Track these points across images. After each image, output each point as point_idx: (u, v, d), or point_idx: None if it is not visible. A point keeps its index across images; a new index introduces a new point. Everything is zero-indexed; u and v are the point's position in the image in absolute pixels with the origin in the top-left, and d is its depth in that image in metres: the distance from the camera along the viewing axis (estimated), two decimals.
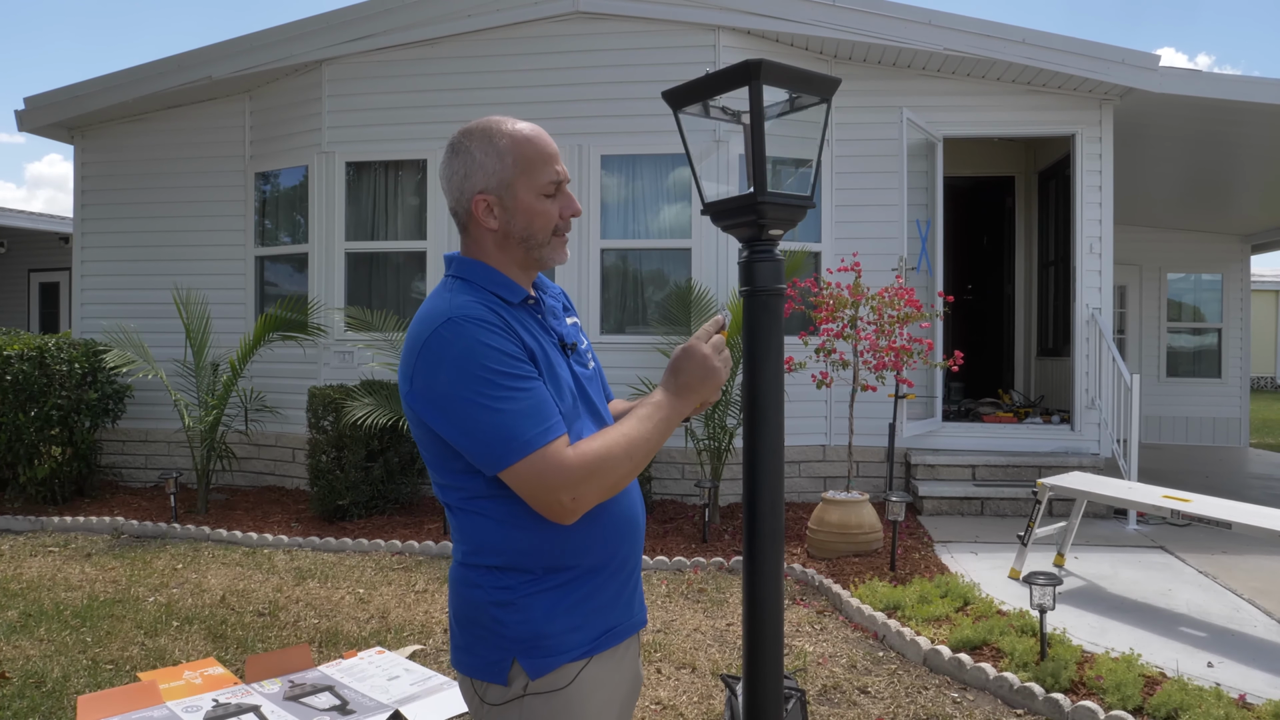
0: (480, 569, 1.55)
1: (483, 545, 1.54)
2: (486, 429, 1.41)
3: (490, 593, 1.53)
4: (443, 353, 1.44)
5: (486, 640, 1.53)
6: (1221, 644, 4.24)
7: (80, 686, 3.90)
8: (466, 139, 1.58)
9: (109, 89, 8.36)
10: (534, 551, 1.53)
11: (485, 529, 1.53)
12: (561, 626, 1.53)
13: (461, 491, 1.53)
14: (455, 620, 1.60)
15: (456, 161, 1.59)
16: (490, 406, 1.41)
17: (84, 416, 7.59)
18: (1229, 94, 7.05)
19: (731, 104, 1.84)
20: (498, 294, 1.56)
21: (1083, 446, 7.50)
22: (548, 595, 1.53)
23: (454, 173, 1.59)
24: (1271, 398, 22.31)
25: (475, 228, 1.60)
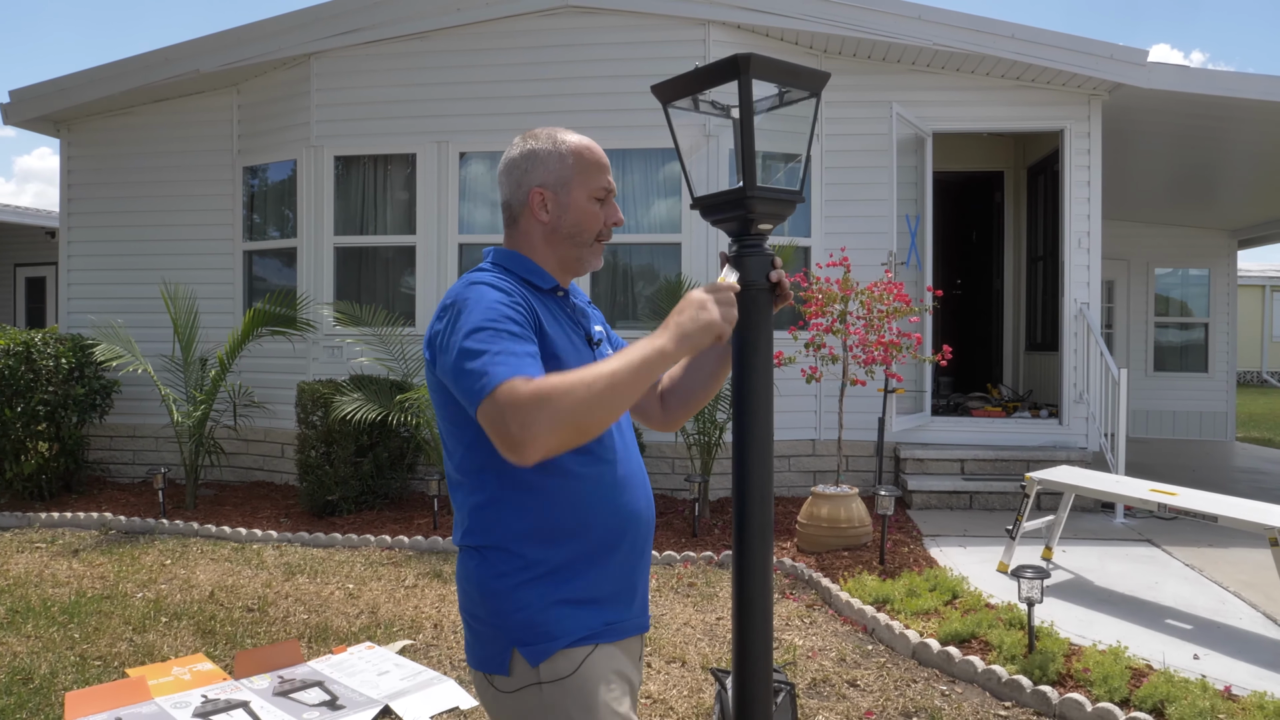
0: (480, 551, 1.58)
1: (479, 525, 1.58)
2: (469, 369, 1.44)
3: (492, 580, 1.56)
4: (459, 312, 1.52)
5: (487, 630, 1.56)
6: (1207, 636, 4.27)
7: (68, 683, 3.89)
8: (532, 138, 1.71)
9: (95, 82, 8.30)
10: (525, 531, 1.56)
11: (484, 508, 1.57)
12: (556, 614, 1.54)
13: (464, 464, 1.58)
14: (462, 614, 1.64)
15: (520, 157, 1.69)
16: (475, 350, 1.45)
17: (71, 412, 7.55)
18: (1218, 90, 7.08)
19: (721, 98, 1.84)
20: (528, 280, 1.65)
21: (1071, 441, 7.53)
22: (546, 581, 1.55)
23: (516, 166, 1.69)
24: (1257, 392, 22.45)
25: (526, 219, 1.70)
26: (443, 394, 1.58)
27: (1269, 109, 7.20)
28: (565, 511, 1.57)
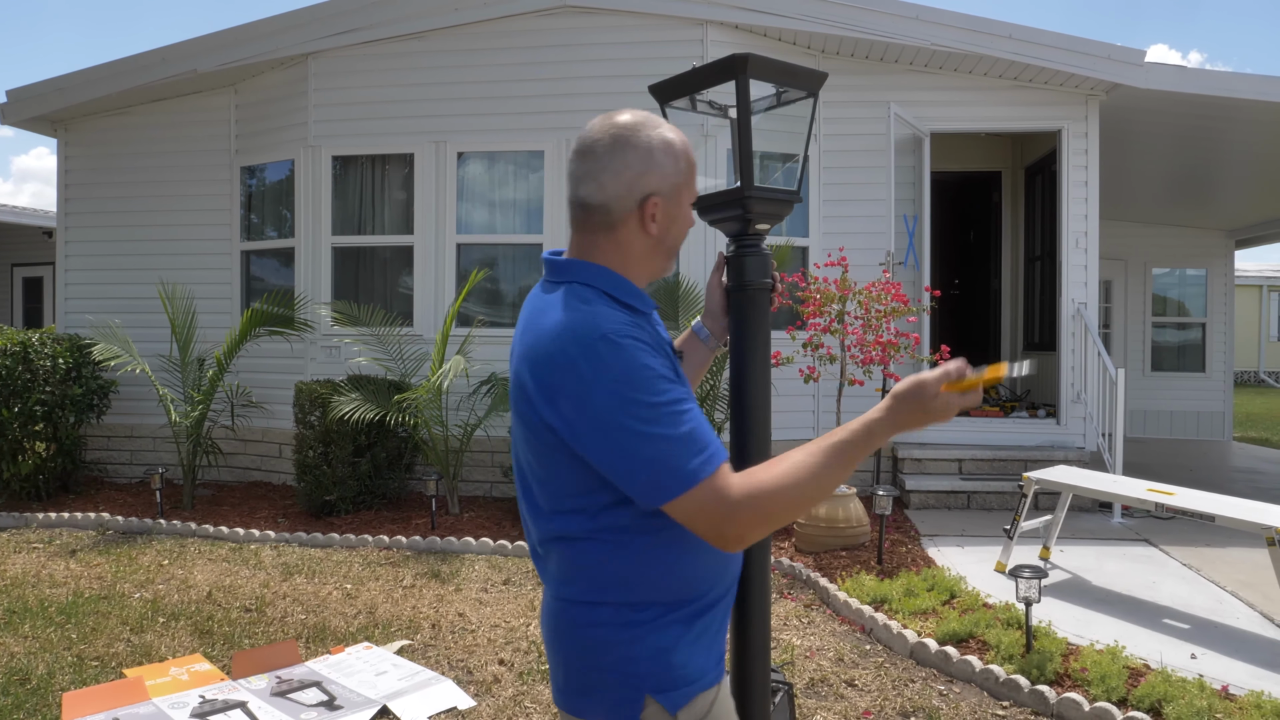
0: (606, 606, 1.42)
1: (612, 579, 1.42)
2: (648, 458, 1.30)
3: (617, 630, 1.42)
4: (599, 373, 1.31)
5: (612, 681, 1.42)
6: (1205, 636, 4.27)
7: (65, 683, 3.88)
8: (640, 132, 1.45)
9: (92, 82, 8.28)
10: (671, 584, 1.43)
11: (618, 562, 1.41)
12: (690, 655, 1.44)
13: (594, 522, 1.40)
14: (567, 663, 1.47)
15: (631, 155, 1.44)
16: (651, 434, 1.29)
17: (68, 412, 7.54)
18: (1215, 90, 7.09)
19: (719, 98, 1.85)
20: (630, 305, 1.46)
21: (1068, 440, 7.54)
22: (676, 626, 1.44)
23: (625, 167, 1.44)
24: (1255, 392, 22.48)
25: (629, 229, 1.47)
26: (558, 454, 1.39)
27: (1266, 109, 7.21)
28: (706, 560, 1.46)
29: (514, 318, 7.68)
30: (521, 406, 1.42)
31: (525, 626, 4.57)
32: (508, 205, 7.73)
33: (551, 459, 1.40)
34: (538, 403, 1.37)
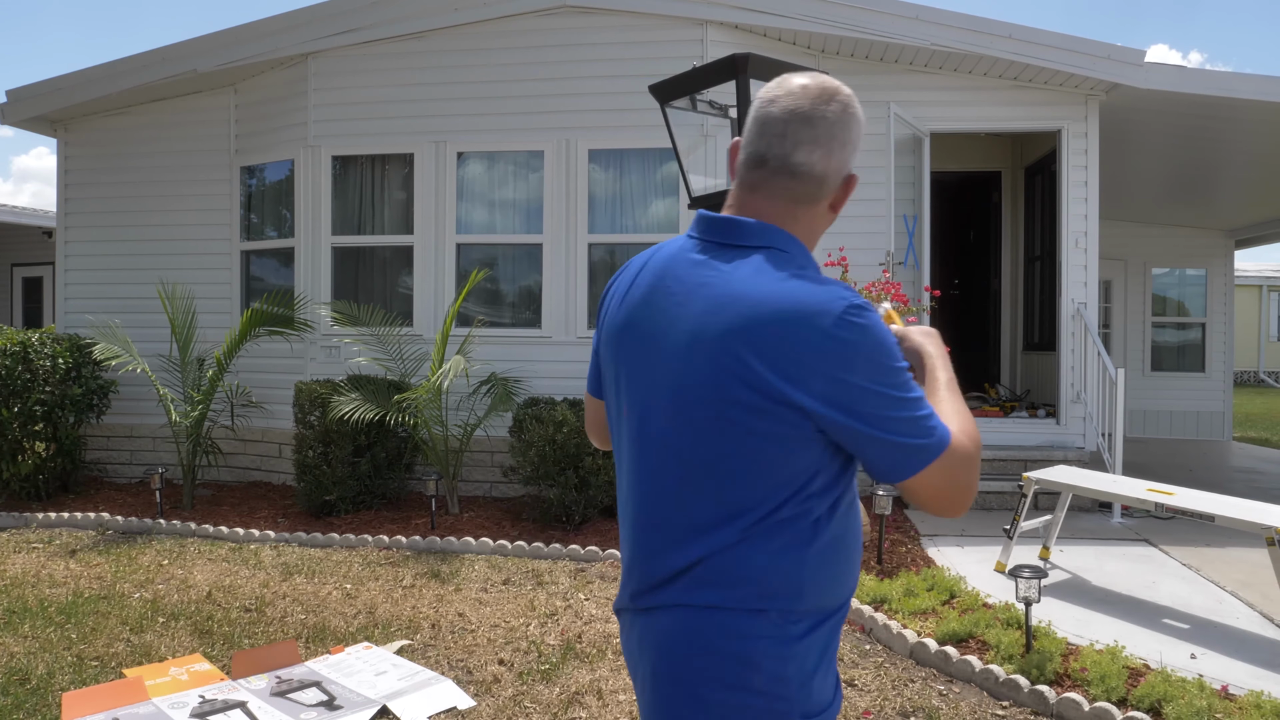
0: (768, 614, 1.27)
1: (782, 583, 1.27)
2: (910, 426, 1.22)
3: (775, 645, 1.27)
4: (858, 346, 1.21)
5: (758, 707, 1.27)
6: (1204, 636, 4.28)
7: (65, 683, 3.88)
8: (857, 105, 1.36)
9: (92, 82, 8.28)
10: (835, 588, 1.32)
11: (794, 562, 1.27)
12: (825, 679, 1.33)
13: (779, 515, 1.27)
14: (698, 685, 1.28)
15: (855, 129, 1.35)
16: (909, 399, 1.23)
17: (68, 412, 7.54)
18: (1215, 90, 7.09)
19: (719, 98, 1.85)
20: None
21: (1068, 440, 7.54)
22: (820, 641, 1.32)
23: (849, 140, 1.35)
24: (1254, 392, 22.48)
25: (823, 207, 1.37)
26: (788, 436, 1.24)
27: (1266, 109, 7.21)
28: (857, 560, 1.36)
29: (514, 317, 7.69)
30: (733, 390, 1.24)
31: (525, 626, 4.57)
32: (507, 205, 7.73)
33: (763, 445, 1.24)
34: (774, 381, 1.22)
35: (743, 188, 1.37)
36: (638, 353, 1.35)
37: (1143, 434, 12.07)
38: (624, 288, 1.43)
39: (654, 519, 1.33)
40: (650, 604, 1.33)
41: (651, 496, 1.33)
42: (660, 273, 1.35)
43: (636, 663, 1.38)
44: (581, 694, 3.76)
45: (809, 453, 1.25)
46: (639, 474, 1.35)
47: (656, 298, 1.34)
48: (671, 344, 1.30)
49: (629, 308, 1.39)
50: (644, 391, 1.34)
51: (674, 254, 1.36)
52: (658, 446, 1.32)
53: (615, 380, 1.41)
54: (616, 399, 1.42)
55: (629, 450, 1.38)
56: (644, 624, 1.35)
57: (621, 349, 1.38)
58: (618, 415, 1.42)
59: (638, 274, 1.42)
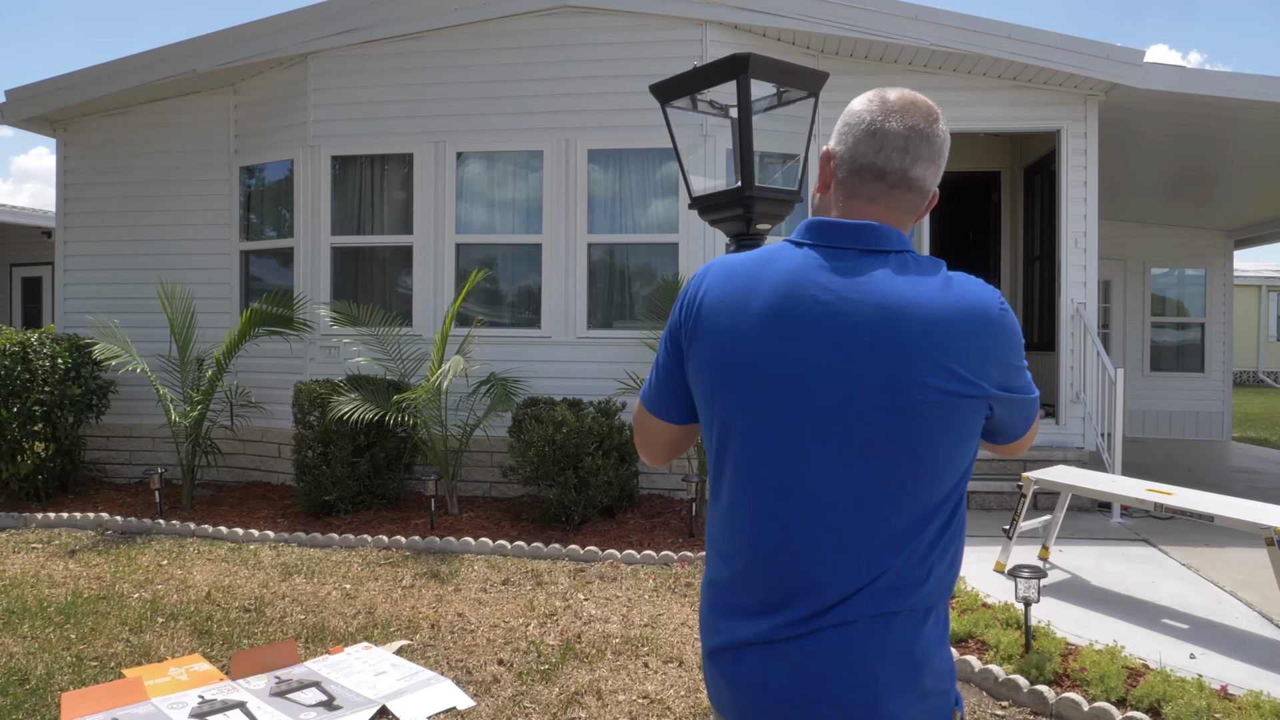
0: (934, 612, 1.32)
1: (943, 578, 1.33)
2: (1030, 386, 1.40)
3: (937, 642, 1.32)
4: (1013, 332, 1.34)
5: (934, 705, 1.30)
6: (1204, 636, 4.28)
7: (64, 683, 3.88)
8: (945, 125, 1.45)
9: (91, 82, 8.28)
10: (956, 572, 1.38)
11: (952, 553, 1.34)
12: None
13: (947, 506, 1.31)
14: (881, 699, 1.27)
15: (947, 149, 1.44)
16: (1026, 369, 1.40)
17: (67, 412, 7.54)
18: (1214, 90, 7.09)
19: (719, 98, 1.85)
20: None
21: (1067, 440, 7.54)
22: (947, 627, 1.39)
23: (945, 157, 1.44)
24: (1254, 392, 22.49)
25: (916, 217, 1.46)
26: (974, 427, 1.31)
27: (1265, 109, 7.21)
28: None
29: (513, 317, 7.69)
30: (928, 392, 1.26)
31: (524, 627, 4.57)
32: (507, 205, 7.73)
33: (954, 441, 1.29)
34: (966, 376, 1.27)
35: (858, 198, 1.39)
36: (793, 367, 1.30)
37: (1142, 434, 12.08)
38: (737, 303, 1.35)
39: (835, 537, 1.29)
40: (818, 626, 1.29)
41: (829, 514, 1.29)
42: (794, 283, 1.32)
43: (780, 694, 1.30)
44: (581, 694, 3.77)
45: (976, 440, 1.34)
46: (805, 493, 1.30)
47: (802, 308, 1.31)
48: (847, 352, 1.28)
49: (761, 323, 1.32)
50: (812, 404, 1.29)
51: (801, 264, 1.34)
52: (837, 460, 1.28)
53: (747, 398, 1.33)
54: (751, 418, 1.33)
55: (778, 469, 1.31)
56: (805, 648, 1.29)
57: (762, 365, 1.32)
58: (753, 434, 1.33)
59: (750, 288, 1.35)
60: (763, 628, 1.32)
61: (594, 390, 7.21)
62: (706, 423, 1.40)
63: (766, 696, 1.31)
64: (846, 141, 1.41)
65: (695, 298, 1.40)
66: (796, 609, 1.30)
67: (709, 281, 1.40)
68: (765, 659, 1.31)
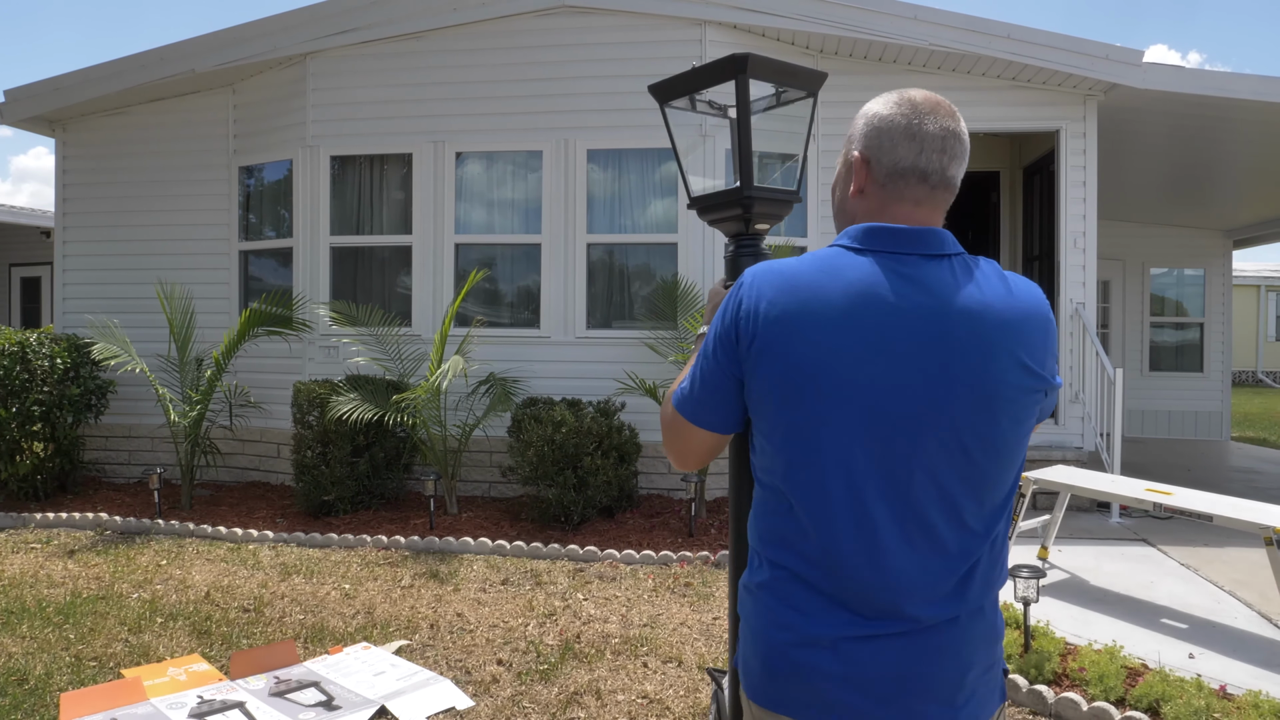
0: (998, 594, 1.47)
1: (1008, 561, 1.49)
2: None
3: (1000, 615, 1.48)
4: (1056, 326, 1.46)
5: (998, 674, 1.46)
6: (1203, 635, 4.28)
7: (63, 683, 3.88)
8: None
9: (91, 81, 8.28)
10: None
11: (1003, 536, 1.46)
12: None
13: (1010, 498, 1.41)
14: (985, 659, 1.41)
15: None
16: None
17: (66, 412, 7.53)
18: (1213, 90, 7.09)
19: (718, 98, 1.85)
20: None
21: (1066, 440, 7.55)
22: None
23: (969, 152, 1.48)
24: (1253, 392, 22.50)
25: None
26: (1025, 422, 1.40)
27: (1264, 109, 7.22)
28: None
29: (512, 317, 7.69)
30: (1014, 388, 1.34)
31: (523, 626, 4.57)
32: (506, 205, 7.73)
33: (1024, 432, 1.39)
34: (1037, 370, 1.37)
35: (904, 202, 1.42)
36: (883, 374, 1.31)
37: (1141, 434, 12.08)
38: (811, 313, 1.34)
39: (929, 536, 1.33)
40: (919, 623, 1.34)
41: (923, 514, 1.33)
42: (872, 291, 1.33)
43: (876, 688, 1.34)
44: (580, 694, 3.77)
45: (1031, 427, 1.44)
46: (899, 495, 1.33)
47: (885, 315, 1.32)
48: (934, 357, 1.32)
49: (844, 331, 1.32)
50: (904, 410, 1.31)
51: (872, 271, 1.35)
52: (929, 461, 1.32)
53: (834, 407, 1.32)
54: (839, 425, 1.32)
55: (871, 474, 1.33)
56: (904, 645, 1.34)
57: (848, 374, 1.31)
58: (841, 441, 1.33)
59: (822, 297, 1.34)
60: (859, 624, 1.35)
61: (593, 390, 7.21)
62: (776, 430, 1.37)
63: (862, 690, 1.33)
64: (882, 145, 1.43)
65: (754, 309, 1.37)
66: (896, 606, 1.33)
67: (767, 292, 1.37)
68: (861, 653, 1.34)
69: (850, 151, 1.48)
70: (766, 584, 1.41)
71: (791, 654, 1.36)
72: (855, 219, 1.46)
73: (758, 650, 1.41)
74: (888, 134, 1.43)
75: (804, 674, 1.35)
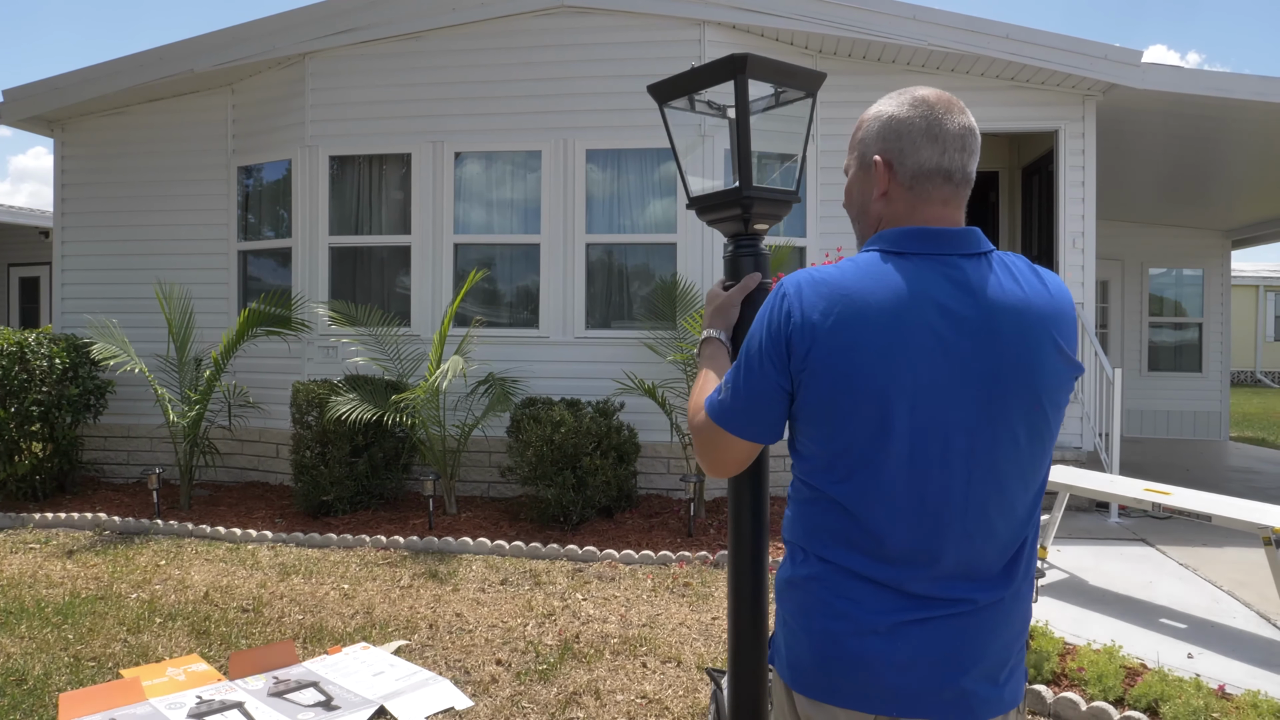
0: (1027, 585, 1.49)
1: (1034, 551, 1.50)
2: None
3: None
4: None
5: (1022, 659, 1.50)
6: (1201, 635, 4.28)
7: (62, 684, 3.87)
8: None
9: (89, 81, 8.27)
10: None
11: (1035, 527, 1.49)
12: None
13: (1045, 484, 1.47)
14: (1015, 650, 1.45)
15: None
16: None
17: (65, 412, 7.53)
18: (1211, 90, 7.10)
19: (717, 98, 1.85)
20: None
21: (1065, 440, 7.54)
22: None
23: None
24: (1251, 392, 22.52)
25: None
26: (1065, 398, 1.45)
27: (1262, 109, 7.22)
28: None
29: (511, 317, 7.69)
30: (1058, 378, 1.40)
31: (522, 627, 4.57)
32: (505, 205, 7.73)
33: (1062, 416, 1.45)
34: (1073, 357, 1.42)
35: (931, 202, 1.44)
36: (946, 375, 1.35)
37: (1140, 434, 12.09)
38: (865, 321, 1.36)
39: (987, 526, 1.38)
40: (975, 604, 1.39)
41: (981, 507, 1.37)
42: (923, 294, 1.36)
43: (925, 672, 1.37)
44: (579, 694, 3.77)
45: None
46: (961, 490, 1.36)
47: (940, 318, 1.35)
48: (991, 355, 1.36)
49: (902, 337, 1.34)
50: (968, 407, 1.35)
51: (919, 274, 1.38)
52: (989, 455, 1.36)
53: (898, 412, 1.35)
54: (905, 427, 1.35)
55: (935, 470, 1.36)
56: (958, 627, 1.38)
57: (909, 378, 1.34)
58: (907, 441, 1.35)
59: (872, 304, 1.36)
60: (914, 608, 1.38)
61: (592, 390, 7.21)
62: (837, 436, 1.39)
63: (918, 674, 1.37)
64: (904, 148, 1.44)
65: (808, 320, 1.37)
66: (951, 590, 1.38)
67: (819, 303, 1.38)
68: (917, 636, 1.37)
69: (867, 155, 1.48)
70: (816, 576, 1.42)
71: (849, 643, 1.38)
72: (882, 222, 1.47)
73: (811, 643, 1.42)
74: (908, 136, 1.44)
75: (864, 662, 1.37)
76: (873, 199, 1.48)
